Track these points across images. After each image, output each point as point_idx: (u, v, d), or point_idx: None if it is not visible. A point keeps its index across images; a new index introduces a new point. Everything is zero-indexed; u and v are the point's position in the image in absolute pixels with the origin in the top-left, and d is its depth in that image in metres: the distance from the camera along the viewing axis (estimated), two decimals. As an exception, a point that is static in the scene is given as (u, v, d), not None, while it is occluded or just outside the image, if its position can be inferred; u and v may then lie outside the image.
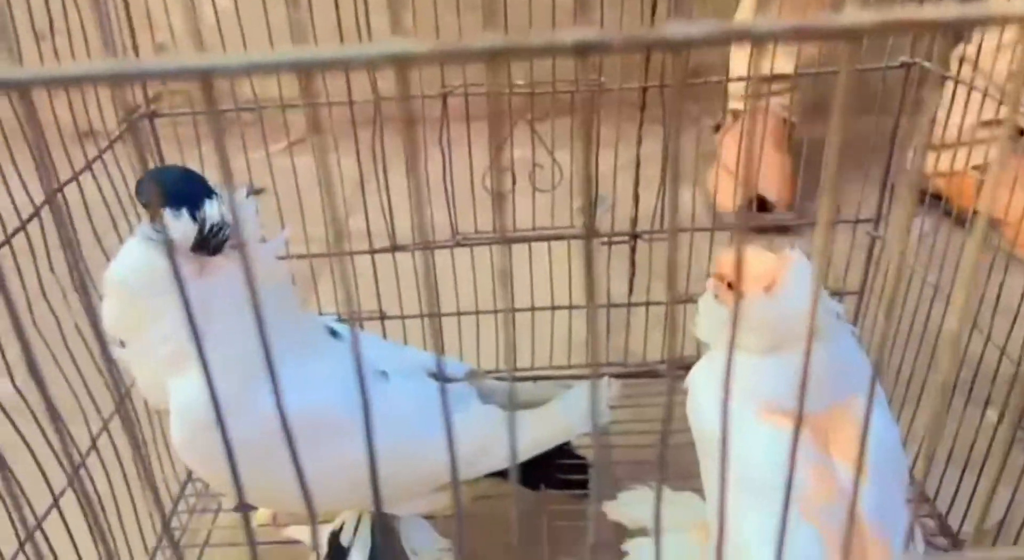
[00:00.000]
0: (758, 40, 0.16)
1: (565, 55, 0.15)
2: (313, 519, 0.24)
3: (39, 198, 0.53)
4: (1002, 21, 0.15)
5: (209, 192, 0.51)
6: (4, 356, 0.49)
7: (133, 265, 0.51)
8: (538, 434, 0.61)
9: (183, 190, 0.50)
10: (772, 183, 1.11)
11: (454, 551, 0.60)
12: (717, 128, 1.26)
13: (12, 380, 0.51)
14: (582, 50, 0.15)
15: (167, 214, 0.49)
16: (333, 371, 0.53)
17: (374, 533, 0.59)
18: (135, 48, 0.67)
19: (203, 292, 0.49)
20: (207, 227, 0.49)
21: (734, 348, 0.24)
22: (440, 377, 0.63)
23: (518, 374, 0.83)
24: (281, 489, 0.48)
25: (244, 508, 0.67)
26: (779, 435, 0.49)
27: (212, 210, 0.50)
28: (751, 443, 0.50)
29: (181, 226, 0.49)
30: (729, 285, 0.53)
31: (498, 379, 0.69)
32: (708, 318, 0.55)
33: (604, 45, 0.15)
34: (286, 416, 0.22)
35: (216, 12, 0.69)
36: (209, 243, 0.50)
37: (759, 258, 0.53)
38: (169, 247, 0.22)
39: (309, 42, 0.16)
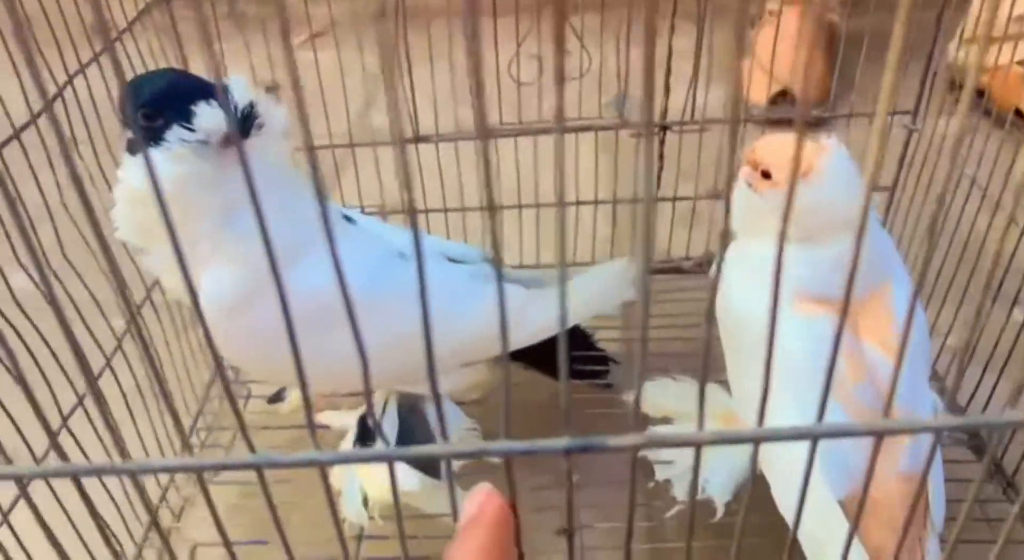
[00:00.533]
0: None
1: None
2: (369, 393, 0.25)
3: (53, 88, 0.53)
4: None
5: (206, 85, 0.50)
6: (14, 248, 0.49)
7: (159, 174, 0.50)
8: (552, 316, 0.62)
9: (189, 86, 0.49)
10: (812, 80, 1.07)
11: (481, 429, 0.62)
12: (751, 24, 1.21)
13: (28, 273, 0.51)
14: None
15: (202, 106, 0.48)
16: (354, 253, 0.54)
17: (401, 412, 0.61)
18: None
19: (234, 183, 0.49)
20: (239, 110, 0.49)
21: (783, 239, 0.23)
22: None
23: (544, 268, 0.83)
24: (315, 367, 0.50)
25: (275, 398, 0.70)
26: (814, 323, 0.49)
27: (243, 95, 0.49)
28: (786, 331, 0.50)
29: (216, 115, 0.48)
30: (763, 174, 0.52)
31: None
32: (739, 206, 0.54)
33: None
34: (338, 292, 0.22)
35: None
36: (245, 126, 0.49)
37: (792, 143, 0.51)
38: (234, 136, 0.22)
39: None
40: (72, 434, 0.52)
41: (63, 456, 0.23)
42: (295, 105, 0.19)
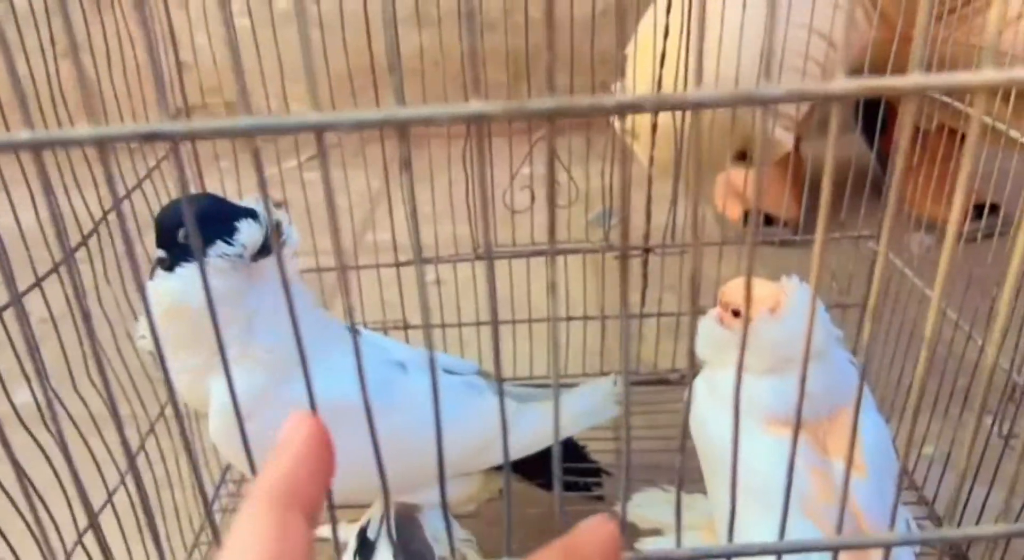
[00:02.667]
0: (763, 103, 0.19)
1: (609, 114, 0.19)
2: (387, 495, 0.28)
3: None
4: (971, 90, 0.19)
5: (237, 206, 0.55)
6: (21, 364, 0.52)
7: (196, 287, 0.55)
8: (546, 429, 0.64)
9: (224, 207, 0.55)
10: (772, 198, 1.14)
11: (475, 542, 0.64)
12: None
13: (32, 389, 0.54)
14: (622, 110, 0.19)
15: (244, 223, 0.54)
16: (354, 363, 0.57)
17: (399, 521, 0.63)
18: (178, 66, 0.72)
19: (256, 294, 0.55)
20: (268, 230, 0.54)
21: (741, 370, 0.27)
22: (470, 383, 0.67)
23: (536, 381, 0.86)
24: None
25: None
26: (781, 444, 0.52)
27: (272, 216, 0.55)
28: (755, 453, 0.53)
29: (255, 231, 0.54)
30: (734, 312, 0.57)
31: (536, 386, 0.72)
32: (708, 338, 0.58)
33: (638, 106, 0.19)
34: (325, 403, 0.26)
35: (234, 30, 0.73)
36: (267, 245, 0.54)
37: (762, 285, 0.57)
38: (274, 246, 0.26)
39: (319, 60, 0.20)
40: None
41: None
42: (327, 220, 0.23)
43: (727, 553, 0.26)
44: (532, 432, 0.63)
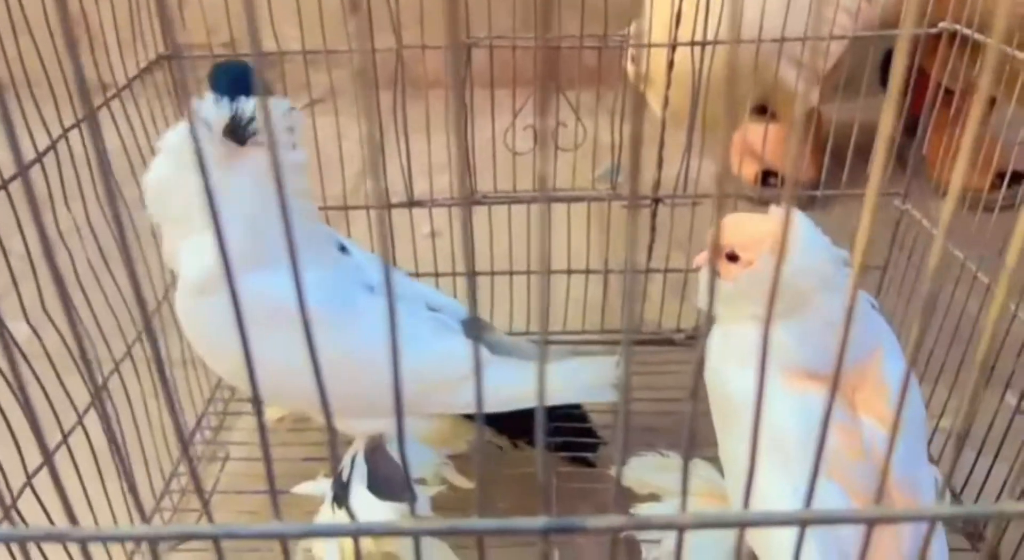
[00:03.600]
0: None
1: None
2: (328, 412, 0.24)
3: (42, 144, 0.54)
4: None
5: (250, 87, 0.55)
6: (21, 299, 0.49)
7: (181, 139, 0.56)
8: (523, 389, 0.60)
9: (238, 83, 0.55)
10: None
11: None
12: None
13: (28, 321, 0.51)
14: None
15: (210, 98, 0.54)
16: (324, 272, 0.57)
17: (366, 455, 0.60)
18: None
19: (225, 178, 0.54)
20: (238, 117, 0.54)
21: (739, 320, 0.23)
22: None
23: (530, 337, 0.82)
24: (267, 371, 0.53)
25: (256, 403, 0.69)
26: (805, 400, 0.48)
27: (248, 104, 0.54)
28: (778, 410, 0.49)
29: (218, 111, 0.54)
30: (729, 256, 0.52)
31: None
32: (705, 291, 0.54)
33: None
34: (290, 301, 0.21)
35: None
36: (237, 132, 0.54)
37: (755, 221, 0.51)
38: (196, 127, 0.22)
39: None
40: (37, 496, 0.50)
41: (13, 522, 0.22)
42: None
43: (741, 522, 0.22)
44: (504, 389, 0.58)
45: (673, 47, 0.70)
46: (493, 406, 0.59)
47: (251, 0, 0.16)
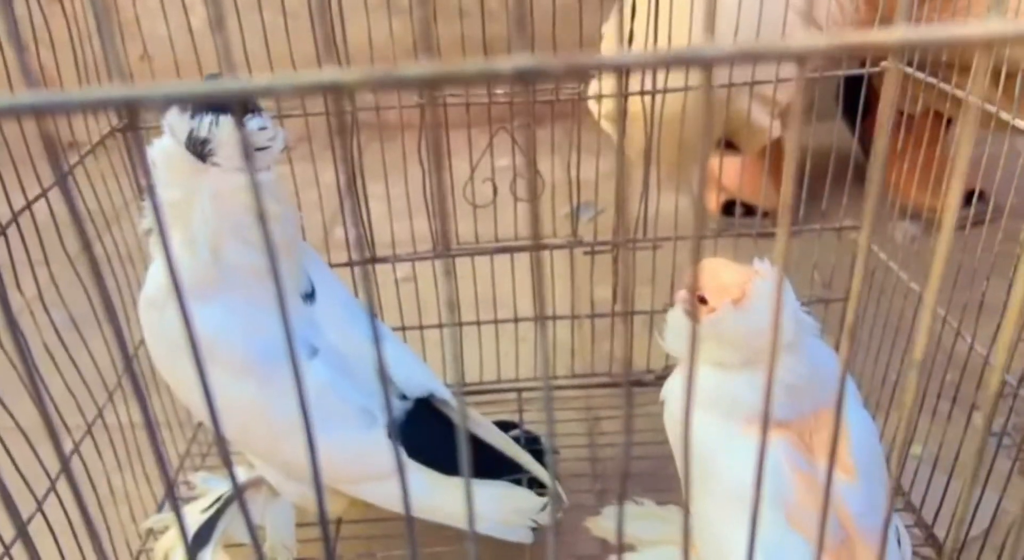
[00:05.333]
0: (706, 64, 0.15)
1: (504, 83, 0.15)
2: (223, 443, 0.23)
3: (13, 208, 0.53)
4: (955, 43, 0.14)
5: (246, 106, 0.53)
6: None
7: (155, 153, 0.55)
8: (435, 503, 0.58)
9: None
10: (751, 188, 1.10)
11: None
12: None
13: None
14: (522, 77, 0.14)
15: (175, 109, 0.53)
16: (270, 321, 0.53)
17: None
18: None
19: (188, 195, 0.53)
20: (195, 135, 0.52)
21: (695, 364, 0.23)
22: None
23: (503, 386, 0.82)
24: (193, 397, 0.57)
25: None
26: (767, 448, 0.48)
27: (204, 122, 0.52)
28: (737, 456, 0.49)
29: (179, 124, 0.53)
30: (700, 299, 0.53)
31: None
32: (678, 331, 0.54)
33: (543, 72, 0.14)
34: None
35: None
36: (195, 149, 0.52)
37: (728, 270, 0.52)
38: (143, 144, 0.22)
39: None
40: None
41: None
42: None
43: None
44: (415, 497, 0.58)
45: (624, 97, 0.71)
46: (400, 509, 0.58)
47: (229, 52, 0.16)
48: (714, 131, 0.93)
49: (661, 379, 0.83)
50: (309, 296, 0.60)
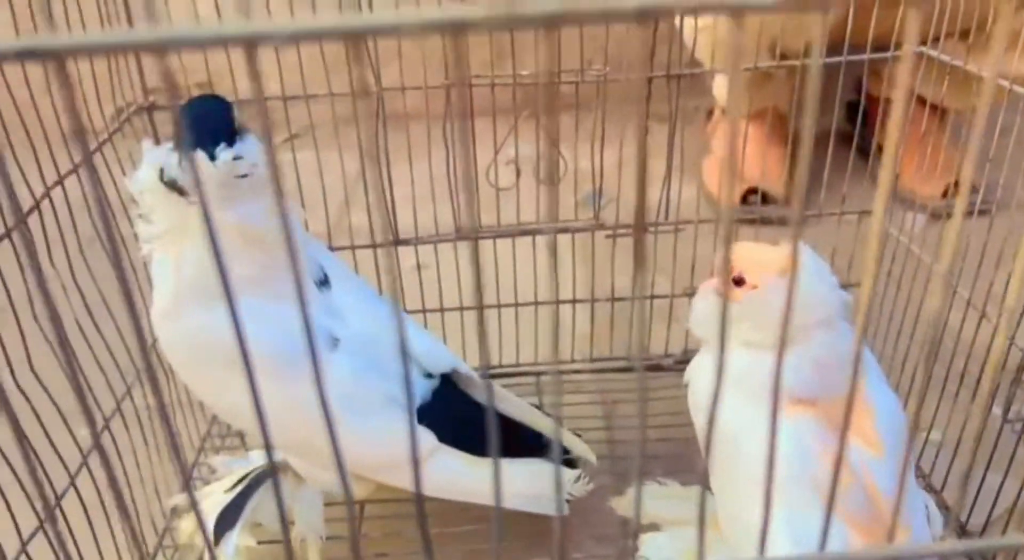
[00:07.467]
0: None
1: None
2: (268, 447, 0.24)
3: (38, 190, 0.53)
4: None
5: (207, 142, 0.52)
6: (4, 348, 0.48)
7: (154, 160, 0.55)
8: (467, 483, 0.59)
9: (200, 123, 0.52)
10: (771, 176, 1.11)
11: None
12: (709, 115, 1.26)
13: (12, 372, 0.50)
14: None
15: (147, 142, 0.55)
16: (282, 319, 0.53)
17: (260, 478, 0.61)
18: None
19: (189, 206, 0.53)
20: (162, 173, 0.53)
21: (727, 342, 0.23)
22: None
23: (523, 369, 0.82)
24: (210, 399, 0.60)
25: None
26: (797, 427, 0.48)
27: (171, 163, 0.52)
28: (766, 436, 0.49)
29: (152, 160, 0.54)
30: (736, 281, 0.53)
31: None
32: (706, 314, 0.54)
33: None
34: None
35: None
36: (170, 186, 0.53)
37: (764, 249, 0.52)
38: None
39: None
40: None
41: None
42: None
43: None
44: (449, 480, 0.59)
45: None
46: (433, 493, 0.59)
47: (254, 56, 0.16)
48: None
49: (680, 363, 0.83)
50: (323, 283, 0.60)
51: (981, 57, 0.69)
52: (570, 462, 0.64)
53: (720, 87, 1.15)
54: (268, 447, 0.22)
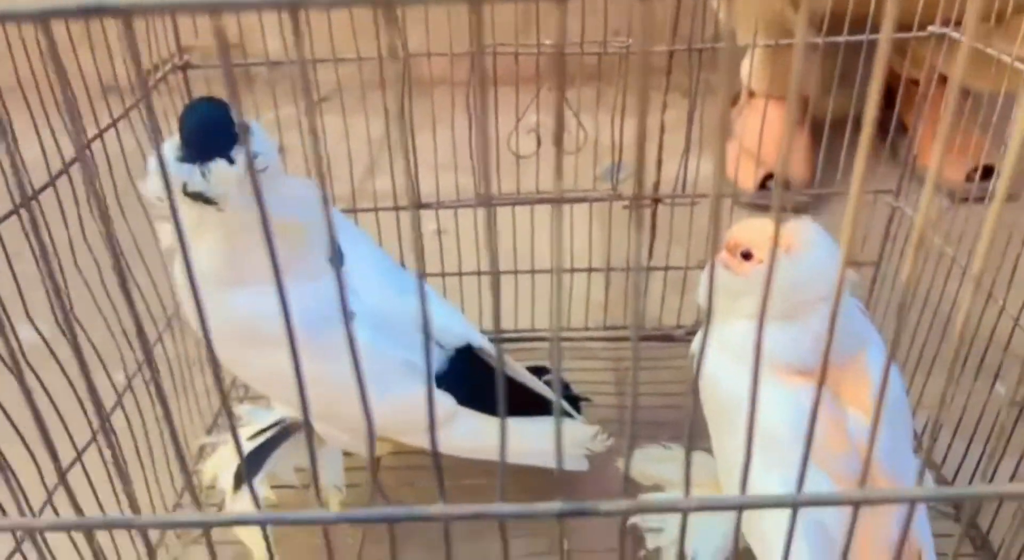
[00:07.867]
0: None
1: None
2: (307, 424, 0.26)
3: (69, 153, 0.55)
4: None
5: (220, 148, 0.52)
6: (24, 301, 0.50)
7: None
8: (490, 443, 0.61)
9: (202, 130, 0.52)
10: (792, 162, 1.11)
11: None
12: (734, 102, 1.26)
13: (35, 326, 0.52)
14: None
15: (168, 152, 0.52)
16: (305, 298, 0.51)
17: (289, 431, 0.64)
18: None
19: (196, 224, 0.54)
20: (186, 188, 0.52)
21: (763, 316, 0.25)
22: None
23: (539, 334, 0.84)
24: (251, 374, 0.62)
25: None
26: (796, 395, 0.50)
27: (193, 176, 0.52)
28: (771, 405, 0.51)
29: (176, 169, 0.52)
30: (744, 255, 0.54)
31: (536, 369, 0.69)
32: (716, 289, 0.56)
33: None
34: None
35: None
36: (193, 198, 0.52)
37: (772, 225, 0.54)
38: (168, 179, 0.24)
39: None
40: (68, 488, 0.52)
41: (78, 509, 0.24)
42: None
43: (739, 504, 0.24)
44: (470, 439, 0.61)
45: None
46: (456, 452, 0.61)
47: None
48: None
49: (691, 334, 0.85)
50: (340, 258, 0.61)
51: (1005, 41, 0.69)
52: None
53: (747, 66, 1.14)
54: (306, 414, 0.24)
